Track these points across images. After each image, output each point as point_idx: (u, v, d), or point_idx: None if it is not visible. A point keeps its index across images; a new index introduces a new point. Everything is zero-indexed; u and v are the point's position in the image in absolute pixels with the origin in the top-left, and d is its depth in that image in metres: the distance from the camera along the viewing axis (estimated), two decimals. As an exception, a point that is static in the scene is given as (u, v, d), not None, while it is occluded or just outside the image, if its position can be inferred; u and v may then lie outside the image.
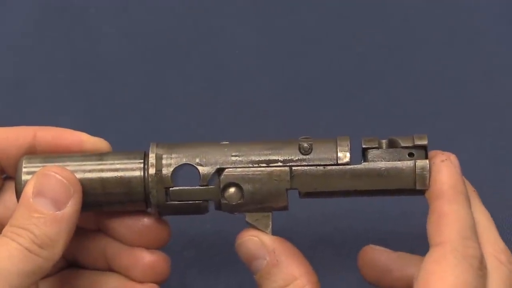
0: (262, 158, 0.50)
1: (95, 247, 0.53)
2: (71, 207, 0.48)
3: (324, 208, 0.60)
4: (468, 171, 0.62)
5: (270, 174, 0.49)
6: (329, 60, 0.69)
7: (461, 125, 0.66)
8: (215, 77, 0.69)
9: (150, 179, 0.50)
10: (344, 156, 0.49)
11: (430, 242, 0.47)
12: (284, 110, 0.67)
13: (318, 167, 0.49)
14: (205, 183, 0.50)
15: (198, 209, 0.50)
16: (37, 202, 0.48)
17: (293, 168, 0.49)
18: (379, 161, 0.49)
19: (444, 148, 0.58)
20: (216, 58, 0.69)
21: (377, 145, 0.49)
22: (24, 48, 0.70)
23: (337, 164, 0.49)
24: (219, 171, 0.50)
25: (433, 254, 0.46)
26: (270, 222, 0.50)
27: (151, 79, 0.69)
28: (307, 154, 0.49)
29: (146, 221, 0.52)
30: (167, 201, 0.50)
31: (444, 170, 0.49)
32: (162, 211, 0.51)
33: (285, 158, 0.50)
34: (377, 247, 0.54)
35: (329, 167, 0.49)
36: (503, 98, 0.67)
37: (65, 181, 0.49)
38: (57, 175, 0.49)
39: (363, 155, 0.50)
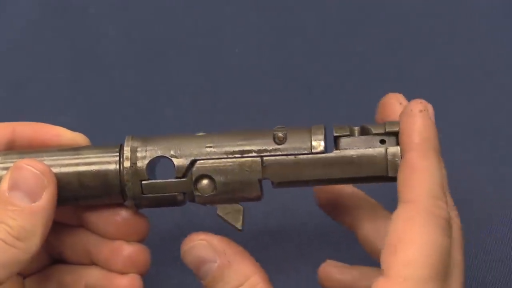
0: (236, 148, 0.49)
1: (78, 242, 0.53)
2: (45, 198, 0.49)
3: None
4: (468, 171, 0.62)
5: (241, 164, 0.49)
6: (329, 59, 0.69)
7: (461, 125, 0.66)
8: (215, 76, 0.69)
9: (125, 172, 0.50)
10: (318, 144, 0.49)
11: (400, 197, 0.46)
12: (284, 110, 0.67)
13: (289, 156, 0.49)
14: (180, 175, 0.50)
15: (175, 202, 0.50)
16: (12, 196, 0.48)
17: (265, 158, 0.49)
18: (350, 149, 0.49)
19: (444, 148, 0.58)
20: (216, 57, 0.69)
21: (348, 133, 0.49)
22: (24, 48, 0.70)
23: (311, 153, 0.49)
24: (194, 162, 0.50)
25: (403, 213, 0.46)
26: (241, 217, 0.50)
27: (151, 79, 0.69)
28: (281, 144, 0.49)
29: (123, 213, 0.52)
30: (143, 194, 0.50)
31: (420, 121, 0.48)
32: (139, 204, 0.51)
33: (259, 148, 0.49)
34: (336, 264, 0.54)
35: (300, 156, 0.49)
36: (503, 98, 0.67)
37: (38, 172, 0.49)
38: (30, 167, 0.49)
39: (335, 143, 0.49)
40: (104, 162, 0.50)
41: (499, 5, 0.70)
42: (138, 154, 0.50)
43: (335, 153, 0.49)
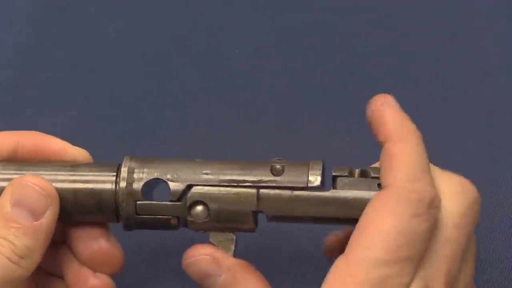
0: (233, 177, 0.49)
1: (56, 256, 0.53)
2: (48, 218, 0.49)
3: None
4: (468, 171, 0.62)
5: (237, 194, 0.49)
6: (329, 59, 0.69)
7: (461, 125, 0.66)
8: (215, 77, 0.69)
9: (120, 192, 0.50)
10: (315, 179, 0.49)
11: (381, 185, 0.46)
12: (284, 110, 0.67)
13: (285, 190, 0.49)
14: (175, 199, 0.50)
15: (168, 225, 0.50)
16: (15, 212, 0.48)
17: (261, 190, 0.49)
18: (347, 190, 0.48)
19: (444, 148, 0.58)
20: (216, 57, 0.69)
21: (347, 174, 0.49)
22: (24, 47, 0.70)
23: (307, 188, 0.49)
24: (190, 187, 0.50)
25: (376, 198, 0.45)
26: (233, 246, 0.50)
27: (151, 79, 0.69)
28: (278, 176, 0.49)
29: (102, 243, 0.52)
30: (137, 215, 0.50)
31: (386, 110, 0.48)
32: (132, 225, 0.51)
33: (256, 178, 0.49)
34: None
35: (296, 192, 0.49)
36: (503, 98, 0.67)
37: (43, 192, 0.49)
38: (35, 186, 0.49)
39: (333, 182, 0.49)
40: (100, 180, 0.50)
41: (499, 5, 0.70)
42: (135, 176, 0.50)
43: (331, 192, 0.48)
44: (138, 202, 0.50)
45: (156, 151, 0.65)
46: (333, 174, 0.49)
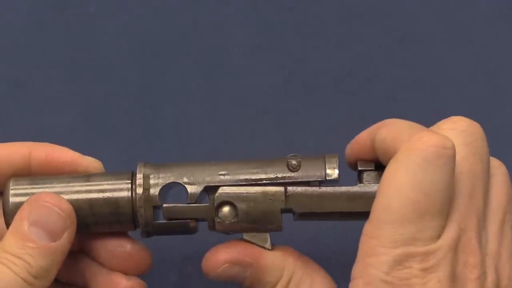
0: (249, 176, 0.50)
1: (75, 266, 0.53)
2: (65, 239, 0.49)
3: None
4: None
5: (264, 193, 0.49)
6: (329, 58, 0.69)
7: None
8: (215, 76, 0.69)
9: (137, 199, 0.50)
10: (333, 172, 0.49)
11: None
12: (283, 109, 0.67)
13: (313, 187, 0.49)
14: (193, 201, 0.50)
15: (187, 229, 0.50)
16: (32, 232, 0.48)
17: (288, 187, 0.49)
18: (374, 183, 0.49)
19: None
20: (215, 56, 0.69)
21: (373, 168, 0.49)
22: (23, 46, 0.70)
23: (326, 181, 0.49)
24: (207, 189, 0.50)
25: (392, 160, 0.46)
26: (268, 237, 0.50)
27: (151, 78, 0.69)
28: (295, 171, 0.49)
29: (128, 247, 0.52)
30: (155, 221, 0.50)
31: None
32: (150, 231, 0.51)
33: (273, 175, 0.50)
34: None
35: (324, 188, 0.49)
36: (503, 98, 0.67)
37: (62, 213, 0.49)
38: (55, 208, 0.49)
39: (359, 177, 0.50)
40: (116, 189, 0.50)
41: (499, 5, 0.70)
42: (151, 181, 0.50)
43: (359, 187, 0.49)
44: (164, 206, 0.50)
45: (155, 150, 0.65)
46: (359, 168, 0.50)
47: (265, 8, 0.71)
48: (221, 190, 0.49)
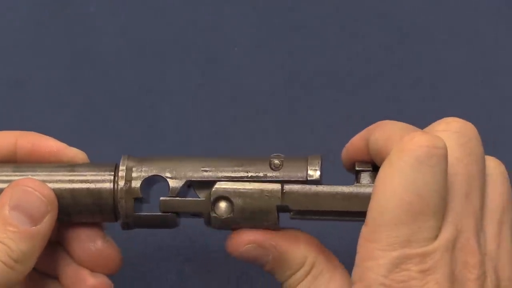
0: (231, 174, 0.50)
1: (51, 257, 0.53)
2: (46, 223, 0.49)
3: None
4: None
5: (261, 189, 0.49)
6: (329, 58, 0.69)
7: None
8: (215, 75, 0.69)
9: (119, 190, 0.50)
10: (314, 173, 0.49)
11: None
12: (283, 108, 0.67)
13: (310, 186, 0.49)
14: (173, 195, 0.50)
15: (168, 222, 0.51)
16: (13, 216, 0.48)
17: (285, 185, 0.49)
18: (370, 184, 0.49)
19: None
20: (215, 56, 0.69)
21: (370, 168, 0.49)
22: (23, 46, 0.70)
23: (308, 181, 0.49)
24: (191, 184, 0.50)
25: (385, 161, 0.46)
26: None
27: (150, 78, 0.69)
28: (277, 170, 0.50)
29: (99, 244, 0.52)
30: (136, 213, 0.50)
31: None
32: (130, 223, 0.51)
33: (255, 174, 0.50)
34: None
35: (321, 186, 0.49)
36: (503, 98, 0.67)
37: (43, 198, 0.49)
38: (36, 192, 0.49)
39: (356, 177, 0.50)
40: (98, 180, 0.51)
41: (499, 5, 0.70)
42: (134, 174, 0.51)
43: (355, 186, 0.49)
44: (161, 199, 0.50)
45: (155, 150, 0.65)
46: (357, 168, 0.50)
47: (265, 8, 0.71)
48: (218, 185, 0.50)
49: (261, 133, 0.66)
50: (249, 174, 0.50)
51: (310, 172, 0.50)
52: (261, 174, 0.50)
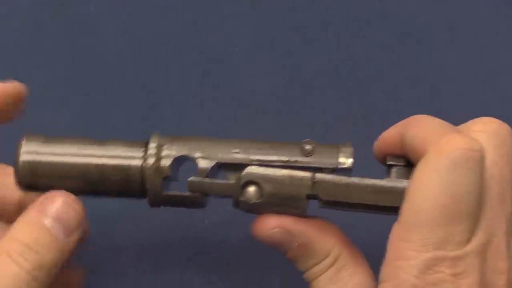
0: (262, 157, 0.50)
1: None
2: (76, 237, 0.49)
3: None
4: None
5: (292, 176, 0.49)
6: (329, 58, 0.69)
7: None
8: (215, 75, 0.69)
9: (148, 168, 0.50)
10: (345, 161, 0.49)
11: None
12: (283, 108, 0.67)
13: (341, 177, 0.49)
14: (202, 176, 0.50)
15: (194, 203, 0.50)
16: (50, 226, 0.48)
17: (316, 174, 0.49)
18: (403, 180, 0.48)
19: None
20: (215, 56, 0.69)
21: (403, 164, 0.49)
22: (24, 46, 0.70)
23: (339, 169, 0.49)
24: (222, 166, 0.50)
25: (422, 161, 0.45)
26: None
27: (151, 78, 0.69)
28: (309, 157, 0.49)
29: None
30: (163, 192, 0.50)
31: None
32: (158, 202, 0.51)
33: (285, 158, 0.49)
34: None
35: (353, 178, 0.49)
36: (503, 98, 0.67)
37: (80, 212, 0.49)
38: (74, 205, 0.49)
39: (388, 171, 0.49)
40: (128, 156, 0.50)
41: (500, 5, 0.70)
42: (164, 152, 0.50)
43: (386, 181, 0.49)
44: (190, 179, 0.50)
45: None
46: (389, 163, 0.49)
47: (265, 8, 0.71)
48: (248, 169, 0.49)
49: (261, 133, 0.66)
50: (281, 159, 0.49)
51: (341, 159, 0.49)
52: (292, 160, 0.49)
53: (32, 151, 0.51)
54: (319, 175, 0.49)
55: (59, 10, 0.71)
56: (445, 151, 0.44)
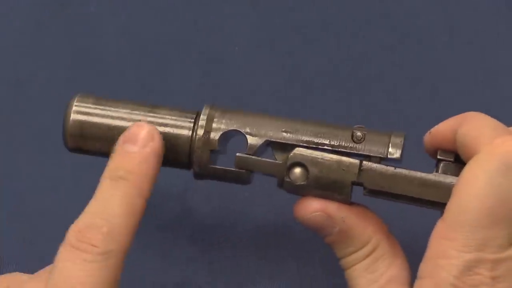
0: (313, 139, 0.49)
1: None
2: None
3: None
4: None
5: (339, 162, 0.49)
6: (329, 58, 0.69)
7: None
8: (215, 75, 0.69)
9: (197, 139, 0.50)
10: (395, 152, 0.49)
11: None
12: (283, 108, 0.67)
13: (388, 167, 0.48)
14: (250, 153, 0.49)
15: (239, 179, 0.50)
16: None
17: (363, 162, 0.49)
18: (450, 175, 0.48)
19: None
20: (216, 55, 0.69)
21: (452, 159, 0.49)
22: (24, 46, 0.70)
23: (387, 159, 0.48)
24: (270, 144, 0.49)
25: (472, 160, 0.45)
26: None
27: (150, 78, 0.69)
28: (359, 143, 0.49)
29: None
30: (210, 165, 0.50)
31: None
32: (203, 174, 0.50)
33: (335, 143, 0.49)
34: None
35: (399, 169, 0.48)
36: (503, 98, 0.67)
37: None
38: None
39: (437, 165, 0.49)
40: (178, 125, 0.50)
41: (500, 5, 0.70)
42: (214, 125, 0.50)
43: (434, 175, 0.48)
44: (237, 155, 0.50)
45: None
46: (438, 157, 0.49)
47: (265, 8, 0.71)
48: (296, 150, 0.49)
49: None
50: (330, 142, 0.49)
51: (391, 149, 0.49)
52: (342, 144, 0.49)
53: (83, 112, 0.51)
54: (366, 163, 0.49)
55: (59, 10, 0.71)
56: (498, 153, 0.44)
